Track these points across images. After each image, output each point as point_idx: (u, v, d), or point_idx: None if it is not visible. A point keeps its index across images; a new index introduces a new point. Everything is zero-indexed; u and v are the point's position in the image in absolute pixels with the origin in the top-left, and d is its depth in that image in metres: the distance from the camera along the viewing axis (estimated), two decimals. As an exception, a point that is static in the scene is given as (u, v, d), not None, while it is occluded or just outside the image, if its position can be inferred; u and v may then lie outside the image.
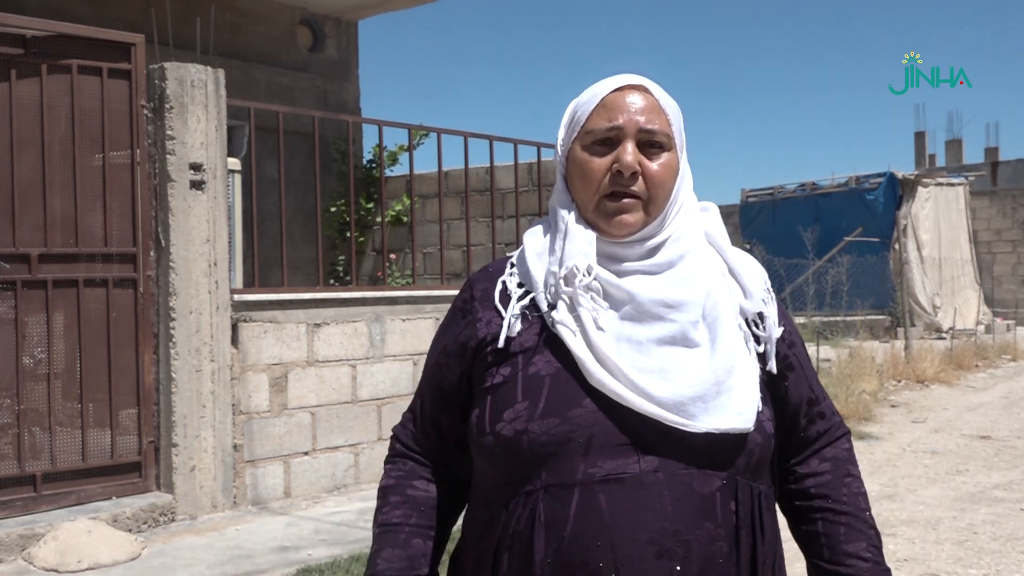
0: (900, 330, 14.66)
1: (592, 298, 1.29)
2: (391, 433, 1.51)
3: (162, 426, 5.15)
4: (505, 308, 1.35)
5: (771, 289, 1.41)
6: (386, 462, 1.48)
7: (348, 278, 9.57)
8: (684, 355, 1.27)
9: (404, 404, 6.28)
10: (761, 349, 1.35)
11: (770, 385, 1.37)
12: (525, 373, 1.29)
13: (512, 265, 1.41)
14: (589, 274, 1.29)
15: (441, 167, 7.12)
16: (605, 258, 1.32)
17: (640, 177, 1.31)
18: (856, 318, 14.81)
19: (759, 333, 1.36)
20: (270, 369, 5.56)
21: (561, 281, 1.30)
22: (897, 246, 15.95)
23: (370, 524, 1.45)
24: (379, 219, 9.50)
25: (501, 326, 1.33)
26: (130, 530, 4.77)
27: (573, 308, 1.29)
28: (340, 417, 5.91)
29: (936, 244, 17.33)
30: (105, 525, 4.61)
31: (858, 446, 7.61)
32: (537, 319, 1.33)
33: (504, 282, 1.38)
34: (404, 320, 6.24)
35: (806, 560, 1.42)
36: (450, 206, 9.09)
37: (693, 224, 1.37)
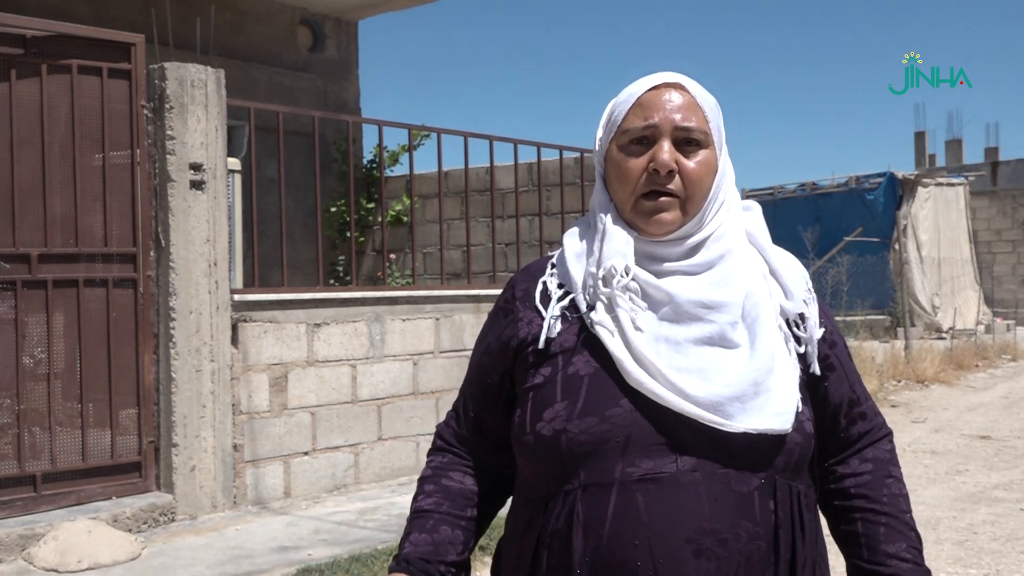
0: (900, 330, 14.66)
1: (631, 298, 1.29)
2: (434, 430, 1.53)
3: (162, 426, 5.15)
4: (545, 308, 1.36)
5: (812, 289, 1.41)
6: (428, 455, 1.50)
7: (348, 278, 9.57)
8: (723, 355, 1.27)
9: (404, 404, 6.32)
10: (802, 350, 1.35)
11: (810, 385, 1.36)
12: (564, 373, 1.30)
13: (553, 265, 1.41)
14: (627, 275, 1.29)
15: (441, 167, 7.12)
16: (644, 258, 1.32)
17: (677, 175, 1.31)
18: (856, 318, 14.81)
19: (800, 334, 1.35)
20: (270, 369, 5.56)
21: (600, 282, 1.31)
22: (897, 246, 15.94)
23: (370, 525, 1.47)
24: (379, 219, 9.50)
25: (542, 326, 1.34)
26: (130, 530, 4.77)
27: (611, 309, 1.30)
28: (340, 417, 5.91)
29: (936, 244, 17.33)
30: (105, 525, 4.61)
31: (858, 446, 7.61)
32: (577, 319, 1.34)
33: (544, 282, 1.39)
34: (404, 320, 6.24)
35: (846, 560, 1.42)
36: (450, 206, 9.09)
37: (735, 223, 1.36)
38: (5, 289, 4.72)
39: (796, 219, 17.68)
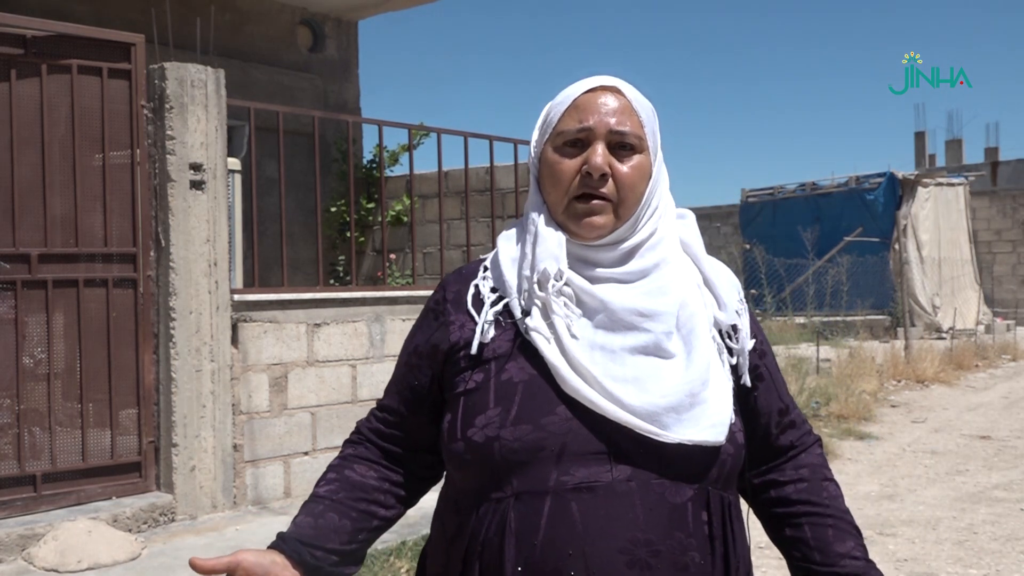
0: (900, 330, 14.66)
1: (565, 303, 1.28)
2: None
3: (162, 426, 5.15)
4: (478, 313, 1.34)
5: (744, 299, 1.41)
6: (342, 445, 1.49)
7: (348, 278, 9.57)
8: (659, 365, 1.27)
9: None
10: (734, 361, 1.35)
11: (741, 396, 1.36)
12: (498, 380, 1.28)
13: (485, 268, 1.40)
14: (560, 279, 1.28)
15: (441, 167, 7.12)
16: (578, 262, 1.31)
17: (610, 179, 1.30)
18: (856, 318, 14.81)
19: (732, 345, 1.35)
20: (270, 369, 5.56)
21: (535, 286, 1.29)
22: (897, 246, 15.94)
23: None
24: (379, 219, 9.49)
25: (474, 331, 1.32)
26: (130, 530, 4.77)
27: (547, 315, 1.28)
28: (340, 417, 5.91)
29: (936, 244, 17.33)
30: (105, 525, 4.61)
31: (858, 446, 7.62)
32: (510, 325, 1.32)
33: (477, 286, 1.37)
34: (404, 320, 6.24)
35: (792, 565, 1.42)
36: (450, 206, 9.09)
37: (670, 230, 1.36)
38: (5, 289, 4.72)
39: (796, 219, 17.69)
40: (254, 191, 5.79)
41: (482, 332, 1.31)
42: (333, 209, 9.71)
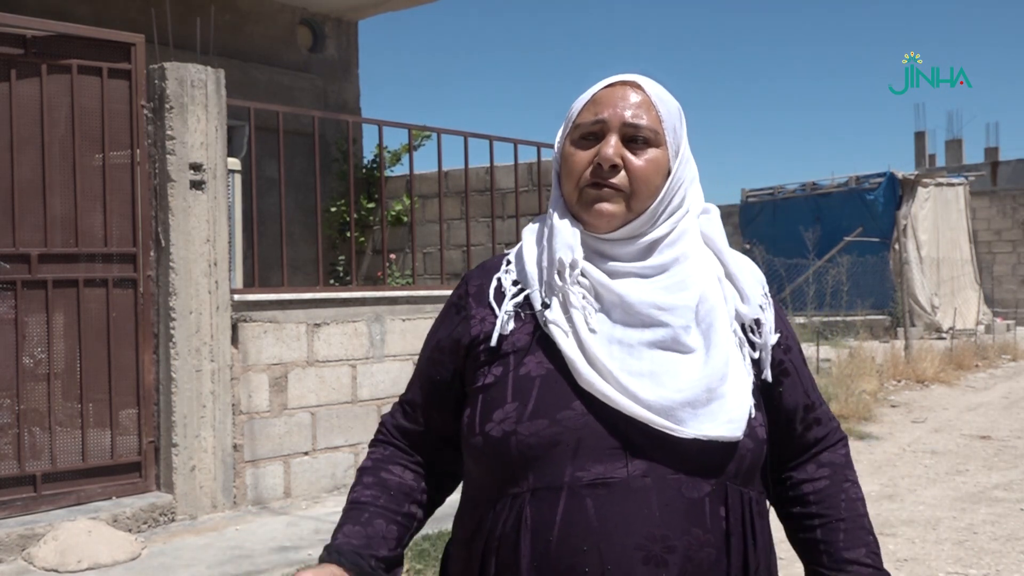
0: (900, 330, 14.66)
1: (583, 296, 1.28)
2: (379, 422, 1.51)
3: (162, 426, 5.15)
4: (499, 306, 1.33)
5: (769, 294, 1.39)
6: (369, 446, 1.48)
7: (348, 278, 9.57)
8: (677, 360, 1.26)
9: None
10: (757, 355, 1.34)
11: (764, 390, 1.35)
12: (516, 374, 1.28)
13: (508, 262, 1.40)
14: (574, 269, 1.28)
15: (441, 167, 7.12)
16: (595, 255, 1.31)
17: (623, 171, 1.29)
18: (856, 318, 14.81)
19: (755, 339, 1.34)
20: (270, 369, 5.56)
21: (555, 276, 1.29)
22: (897, 246, 15.94)
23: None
24: (379, 219, 9.49)
25: (494, 324, 1.32)
26: (130, 530, 4.77)
27: (566, 308, 1.28)
28: (340, 417, 5.91)
29: (936, 244, 17.33)
30: (105, 525, 4.61)
31: (858, 446, 7.61)
32: (530, 318, 1.32)
33: (499, 279, 1.37)
34: (404, 320, 6.24)
35: (805, 567, 1.41)
36: (450, 206, 9.09)
37: (692, 227, 1.35)
38: (5, 289, 4.72)
39: (796, 219, 17.68)
40: (254, 191, 5.79)
41: (501, 324, 1.31)
42: (333, 209, 9.72)
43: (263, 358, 5.52)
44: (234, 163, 6.73)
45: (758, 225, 18.96)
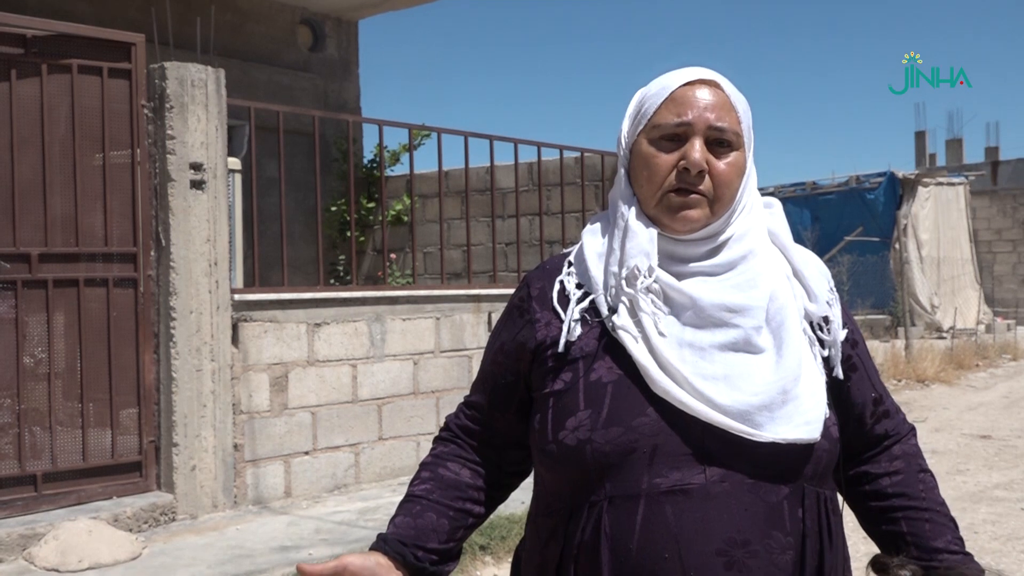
0: (900, 329, 14.65)
1: (653, 301, 1.26)
2: (434, 430, 1.52)
3: (163, 426, 5.15)
4: (564, 310, 1.31)
5: (835, 289, 1.38)
6: (432, 443, 1.48)
7: (348, 278, 9.57)
8: (749, 361, 1.24)
9: (405, 404, 6.33)
10: (826, 353, 1.32)
11: (834, 387, 1.33)
12: (587, 380, 1.26)
13: (570, 264, 1.37)
14: (650, 275, 1.26)
15: (441, 167, 7.11)
16: (666, 258, 1.29)
17: (707, 176, 1.27)
18: (856, 317, 14.79)
19: (824, 337, 1.32)
20: (270, 369, 5.56)
21: (623, 283, 1.27)
22: (897, 246, 15.94)
23: (370, 524, 1.47)
24: (379, 219, 9.50)
25: (560, 329, 1.30)
26: (131, 530, 4.77)
27: (634, 313, 1.26)
28: (340, 417, 5.91)
29: (936, 244, 17.32)
30: (106, 525, 4.62)
31: (858, 446, 7.61)
32: (597, 323, 1.29)
33: (562, 282, 1.35)
34: (404, 320, 6.24)
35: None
36: (450, 206, 9.09)
37: (757, 223, 1.33)
38: (5, 289, 4.72)
39: (796, 219, 17.67)
40: (254, 191, 5.79)
41: (569, 330, 1.29)
42: (333, 209, 9.72)
43: (263, 358, 5.52)
44: (234, 163, 6.73)
45: (758, 225, 18.93)
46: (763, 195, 1.40)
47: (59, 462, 4.83)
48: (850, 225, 16.56)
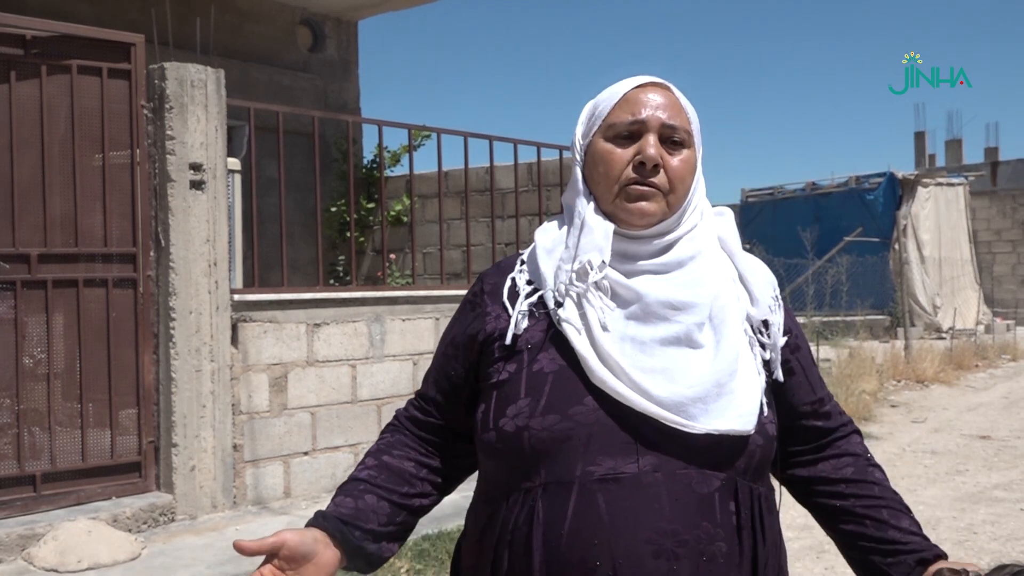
0: (900, 330, 14.66)
1: (600, 297, 1.30)
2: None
3: (162, 426, 5.15)
4: (513, 305, 1.36)
5: (779, 296, 1.42)
6: (380, 433, 1.51)
7: (348, 278, 9.57)
8: (688, 356, 1.28)
9: (404, 404, 6.31)
10: (767, 356, 1.36)
11: (775, 390, 1.38)
12: (529, 370, 1.30)
13: (523, 262, 1.42)
14: (601, 271, 1.30)
15: (441, 167, 7.12)
16: (617, 256, 1.33)
17: (661, 170, 1.32)
18: (856, 318, 14.81)
19: (764, 340, 1.36)
20: (270, 369, 5.56)
21: (573, 276, 1.31)
22: (897, 246, 15.95)
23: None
24: (379, 219, 9.49)
25: (508, 322, 1.34)
26: (130, 530, 4.77)
27: (580, 306, 1.30)
28: (340, 417, 5.91)
29: (936, 244, 17.33)
30: (105, 525, 4.62)
31: (858, 446, 7.61)
32: (544, 316, 1.34)
33: (513, 278, 1.40)
34: (404, 320, 6.24)
35: (852, 554, 1.43)
36: (450, 206, 9.09)
37: (707, 226, 1.38)
38: (5, 289, 4.72)
39: (796, 219, 17.68)
40: (254, 191, 5.79)
41: (515, 323, 1.33)
42: (333, 209, 9.71)
43: (263, 358, 5.52)
44: (234, 163, 6.73)
45: (758, 225, 18.96)
46: (763, 195, 1.42)
47: (58, 462, 4.83)
48: (850, 225, 16.57)
